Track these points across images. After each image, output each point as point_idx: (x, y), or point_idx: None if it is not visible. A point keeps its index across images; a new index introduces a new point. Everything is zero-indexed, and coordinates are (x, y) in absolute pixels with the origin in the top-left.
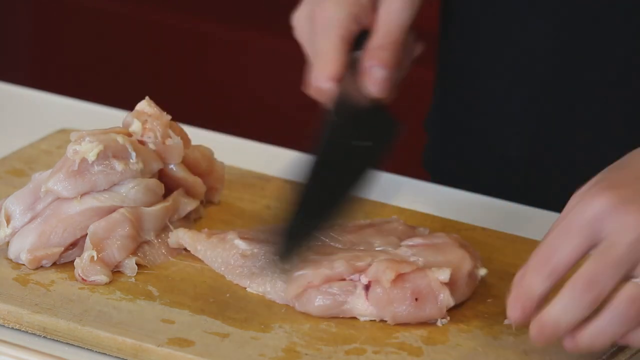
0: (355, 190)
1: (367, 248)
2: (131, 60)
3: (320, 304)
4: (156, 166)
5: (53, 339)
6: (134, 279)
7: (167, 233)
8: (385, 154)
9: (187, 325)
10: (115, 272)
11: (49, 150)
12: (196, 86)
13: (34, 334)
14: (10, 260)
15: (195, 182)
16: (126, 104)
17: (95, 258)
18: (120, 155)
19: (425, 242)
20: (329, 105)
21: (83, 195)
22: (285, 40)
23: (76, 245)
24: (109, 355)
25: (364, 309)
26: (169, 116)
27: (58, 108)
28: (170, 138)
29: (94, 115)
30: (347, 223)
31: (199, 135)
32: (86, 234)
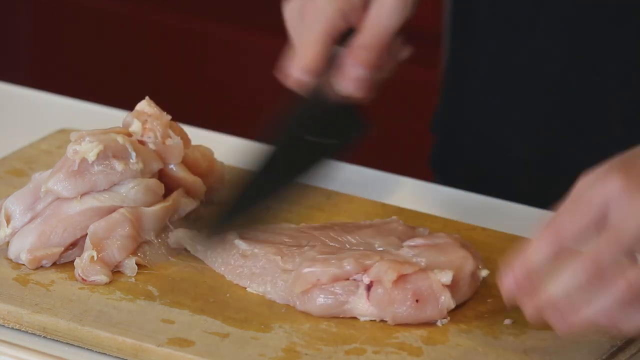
0: (304, 180)
1: (367, 249)
2: (131, 60)
3: (322, 302)
4: (156, 166)
5: (53, 339)
6: (134, 279)
7: (167, 233)
8: (344, 152)
9: (187, 325)
10: (115, 272)
11: (49, 150)
12: (196, 86)
13: (34, 334)
14: (10, 260)
15: (195, 182)
16: (126, 104)
17: (95, 258)
18: (120, 155)
19: (427, 243)
20: (300, 95)
21: (83, 195)
22: (285, 41)
23: (76, 245)
24: (109, 355)
25: (365, 309)
26: (169, 116)
27: (58, 108)
28: (170, 138)
29: (94, 115)
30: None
31: (199, 135)
32: (86, 234)
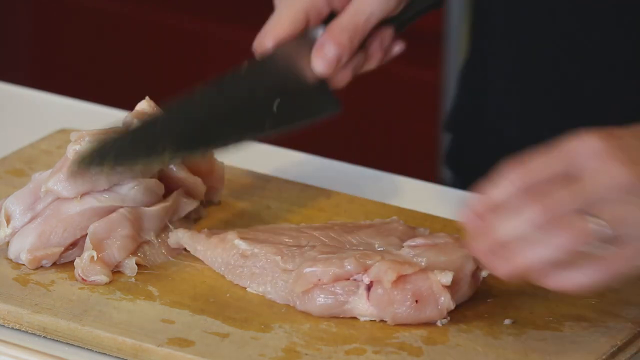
0: (238, 136)
1: (368, 249)
2: (131, 60)
3: (322, 302)
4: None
5: (53, 339)
6: (134, 279)
7: (167, 233)
8: (301, 123)
9: (187, 325)
10: (115, 272)
11: (49, 150)
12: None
13: (34, 334)
14: (10, 260)
15: (195, 182)
16: (126, 104)
17: (95, 258)
18: None
19: (427, 243)
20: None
21: (83, 195)
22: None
23: (76, 245)
24: (109, 355)
25: (365, 309)
26: None
27: (58, 108)
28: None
29: (94, 115)
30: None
31: None
32: (86, 234)
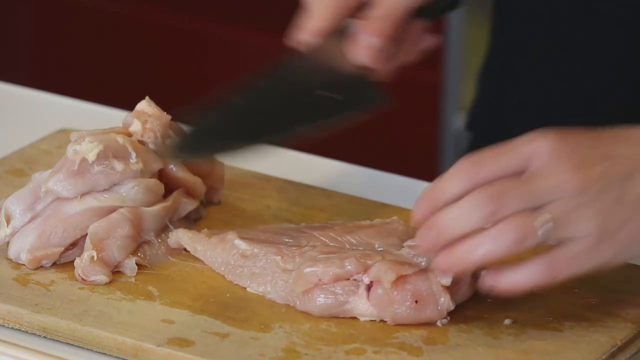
0: (298, 129)
1: (368, 249)
2: (131, 60)
3: (322, 302)
4: (156, 166)
5: (53, 339)
6: (134, 279)
7: (167, 233)
8: (356, 117)
9: (187, 325)
10: (115, 272)
11: (49, 150)
12: (196, 86)
13: (34, 334)
14: (10, 260)
15: (195, 182)
16: (126, 104)
17: (95, 258)
18: (120, 155)
19: None
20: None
21: (83, 195)
22: (285, 41)
23: (76, 245)
24: (109, 355)
25: (365, 309)
26: (169, 116)
27: (58, 108)
28: (170, 138)
29: (94, 115)
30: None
31: None
32: (86, 234)
